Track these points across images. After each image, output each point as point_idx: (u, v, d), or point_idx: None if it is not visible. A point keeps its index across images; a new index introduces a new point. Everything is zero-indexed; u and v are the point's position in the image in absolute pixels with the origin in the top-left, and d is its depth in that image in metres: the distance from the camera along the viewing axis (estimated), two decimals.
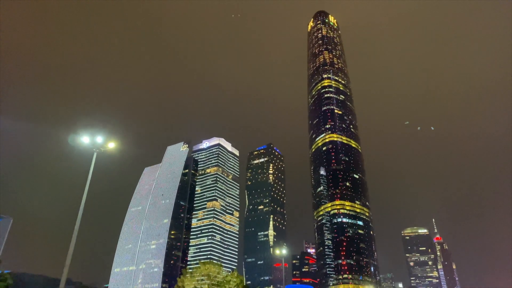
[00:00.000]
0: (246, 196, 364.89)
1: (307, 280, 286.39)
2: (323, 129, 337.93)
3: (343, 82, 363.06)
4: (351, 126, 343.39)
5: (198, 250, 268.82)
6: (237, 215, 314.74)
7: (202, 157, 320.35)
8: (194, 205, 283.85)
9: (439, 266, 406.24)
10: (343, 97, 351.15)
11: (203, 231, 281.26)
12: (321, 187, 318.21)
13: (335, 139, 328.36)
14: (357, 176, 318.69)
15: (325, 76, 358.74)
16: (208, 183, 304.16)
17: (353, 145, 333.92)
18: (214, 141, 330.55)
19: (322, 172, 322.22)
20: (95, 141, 47.82)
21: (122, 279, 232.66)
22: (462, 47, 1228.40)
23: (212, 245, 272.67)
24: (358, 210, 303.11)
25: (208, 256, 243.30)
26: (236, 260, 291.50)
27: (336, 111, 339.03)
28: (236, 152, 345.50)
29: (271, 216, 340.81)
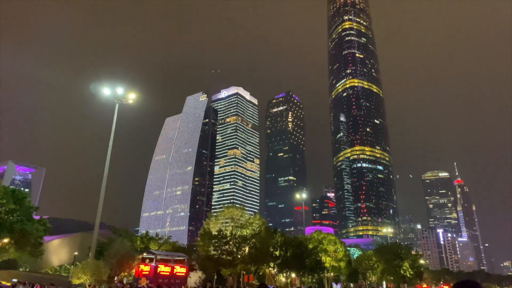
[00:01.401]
0: (266, 144, 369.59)
1: (327, 222, 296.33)
2: (343, 74, 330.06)
3: (365, 23, 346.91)
4: (372, 70, 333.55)
5: (222, 195, 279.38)
6: (258, 162, 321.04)
7: (221, 106, 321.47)
8: (216, 153, 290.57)
9: (459, 208, 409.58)
10: (365, 39, 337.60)
11: (225, 177, 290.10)
12: (341, 134, 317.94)
13: (356, 84, 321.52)
14: (377, 122, 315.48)
15: (346, 17, 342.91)
16: (228, 132, 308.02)
17: (375, 90, 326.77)
18: (233, 90, 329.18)
19: (342, 118, 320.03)
20: (116, 93, 49.31)
21: (151, 222, 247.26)
22: None
23: (235, 190, 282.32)
24: (378, 155, 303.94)
25: (231, 201, 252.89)
26: (258, 204, 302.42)
27: (357, 55, 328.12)
28: (255, 101, 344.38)
29: (291, 162, 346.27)
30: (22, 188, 60.94)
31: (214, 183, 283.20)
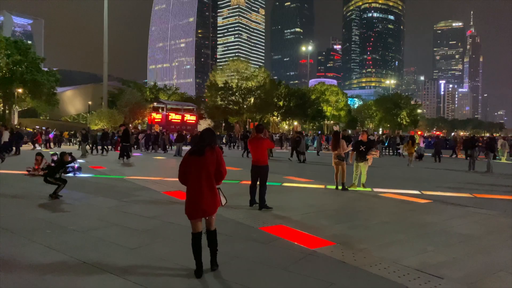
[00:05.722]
0: None
1: (331, 75, 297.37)
2: None
3: None
4: None
5: (226, 48, 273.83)
6: (263, 13, 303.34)
7: None
8: (218, 3, 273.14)
9: (465, 59, 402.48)
10: None
11: (229, 29, 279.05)
12: None
13: None
14: None
15: None
16: None
17: None
18: None
19: None
20: None
21: (158, 75, 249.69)
22: None
23: (239, 43, 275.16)
24: (391, 4, 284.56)
25: (236, 54, 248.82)
26: (263, 58, 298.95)
27: None
28: None
29: (298, 12, 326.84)
30: (24, 40, 60.37)
31: (218, 35, 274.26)
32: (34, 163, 12.78)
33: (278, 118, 76.06)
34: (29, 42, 66.25)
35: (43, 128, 40.08)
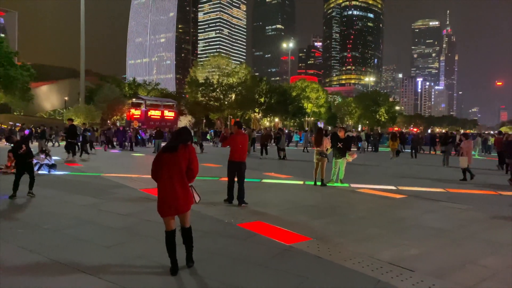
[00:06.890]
0: None
1: (312, 72, 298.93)
2: None
3: None
4: None
5: (207, 44, 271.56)
6: (244, 9, 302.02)
7: None
8: None
9: (442, 58, 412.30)
10: None
11: (210, 25, 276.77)
12: None
13: None
14: None
15: None
16: None
17: None
18: None
19: None
20: None
21: (138, 70, 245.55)
22: None
23: (220, 39, 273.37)
24: (370, 2, 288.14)
25: (217, 50, 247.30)
26: (245, 54, 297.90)
27: None
28: None
29: (280, 9, 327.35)
30: None
31: (199, 31, 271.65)
32: (6, 160, 12.40)
33: (259, 115, 76.10)
34: (2, 35, 63.82)
35: (17, 124, 38.89)
